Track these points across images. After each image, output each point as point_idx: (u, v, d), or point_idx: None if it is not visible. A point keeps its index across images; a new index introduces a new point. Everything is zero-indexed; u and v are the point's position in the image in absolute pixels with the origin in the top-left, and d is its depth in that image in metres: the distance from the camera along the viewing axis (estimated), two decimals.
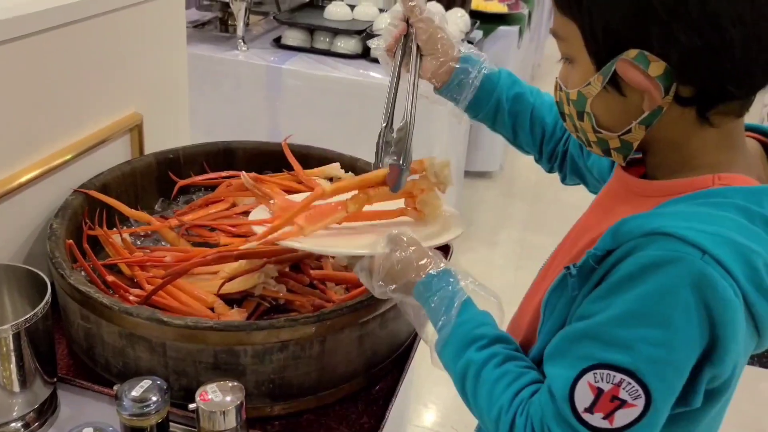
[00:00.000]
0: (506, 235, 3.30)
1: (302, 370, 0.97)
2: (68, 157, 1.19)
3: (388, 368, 1.09)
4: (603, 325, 0.66)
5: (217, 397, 0.84)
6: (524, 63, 3.64)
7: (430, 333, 0.82)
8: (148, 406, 0.84)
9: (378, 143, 0.98)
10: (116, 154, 1.33)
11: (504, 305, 0.83)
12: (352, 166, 1.37)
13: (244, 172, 1.18)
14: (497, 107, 1.03)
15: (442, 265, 0.83)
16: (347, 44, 2.47)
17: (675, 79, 0.66)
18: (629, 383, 0.64)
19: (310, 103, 2.41)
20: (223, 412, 0.83)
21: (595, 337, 0.66)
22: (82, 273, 1.06)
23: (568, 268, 0.71)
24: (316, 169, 1.35)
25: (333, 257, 1.17)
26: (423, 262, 0.83)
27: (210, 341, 0.92)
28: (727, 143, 0.70)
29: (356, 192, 1.01)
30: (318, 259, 1.17)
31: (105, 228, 1.15)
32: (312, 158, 1.38)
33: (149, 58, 1.39)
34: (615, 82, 0.69)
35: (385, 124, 0.99)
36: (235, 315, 1.02)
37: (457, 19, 2.62)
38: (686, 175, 0.70)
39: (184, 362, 0.94)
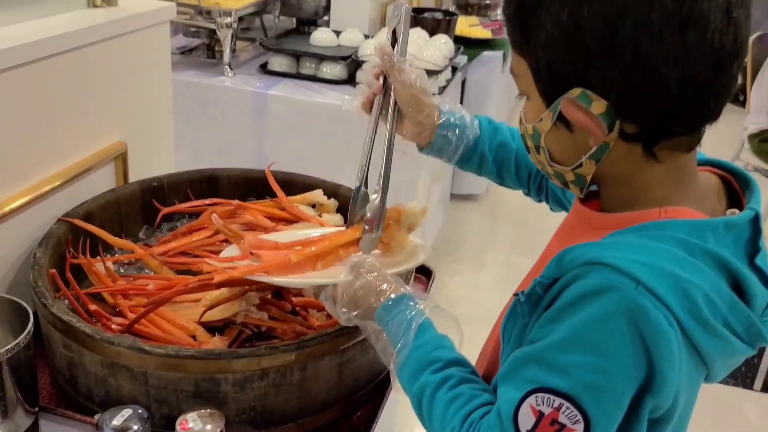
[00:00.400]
0: (492, 258, 3.32)
1: (283, 398, 0.98)
2: (52, 186, 1.20)
3: (370, 394, 1.10)
4: (545, 349, 0.68)
5: (198, 425, 0.85)
6: (508, 88, 3.68)
7: (391, 357, 0.84)
8: None
9: (352, 203, 1.02)
10: (101, 182, 1.34)
11: (485, 327, 0.84)
12: (334, 192, 1.39)
13: (215, 214, 1.19)
14: (482, 159, 1.06)
15: (402, 290, 0.85)
16: (333, 70, 2.50)
17: (617, 117, 0.68)
18: (568, 408, 0.65)
19: (296, 128, 2.43)
20: None
21: (539, 361, 0.68)
22: (65, 302, 1.07)
23: (517, 295, 0.73)
24: (298, 196, 1.37)
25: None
26: (383, 287, 0.85)
27: (191, 369, 0.93)
28: (676, 178, 0.72)
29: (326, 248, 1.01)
30: None
31: (88, 256, 1.16)
32: (295, 185, 1.40)
33: (134, 88, 1.41)
34: (563, 119, 0.71)
35: (359, 184, 1.01)
36: (217, 343, 1.03)
37: (441, 45, 2.65)
38: (636, 208, 0.72)
39: (165, 390, 0.95)
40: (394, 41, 1.00)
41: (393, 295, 0.83)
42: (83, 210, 1.24)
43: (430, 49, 2.57)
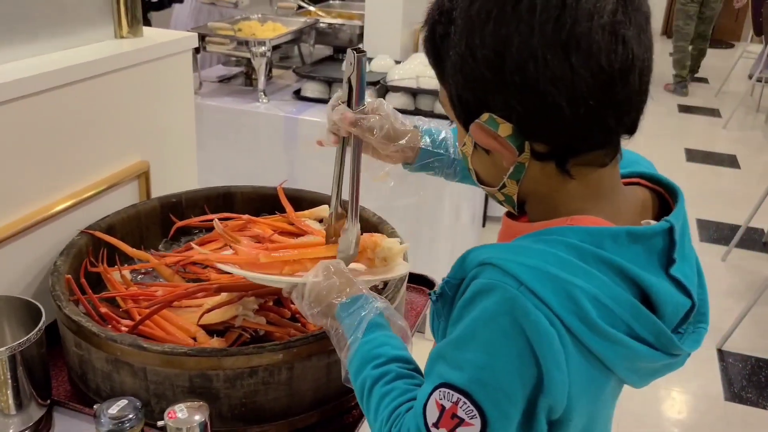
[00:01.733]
0: None
1: (272, 396, 1.04)
2: (78, 199, 1.31)
3: None
4: (447, 346, 0.71)
5: (184, 415, 0.92)
6: None
7: (343, 351, 0.89)
8: (123, 423, 0.92)
9: (326, 231, 1.09)
10: (125, 198, 1.45)
11: None
12: None
13: (216, 219, 1.27)
14: (461, 171, 1.10)
15: (362, 291, 0.91)
16: None
17: (525, 138, 0.70)
18: (465, 402, 0.68)
19: (324, 150, 2.52)
20: (189, 428, 0.91)
21: (443, 357, 0.72)
22: (80, 306, 1.16)
23: (430, 295, 0.77)
24: (306, 212, 1.44)
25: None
26: (345, 287, 0.91)
27: (185, 366, 1.00)
28: (592, 192, 0.74)
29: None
30: None
31: (105, 265, 1.26)
32: (304, 201, 1.48)
33: (158, 111, 1.52)
34: None
35: (331, 212, 1.08)
36: (215, 344, 1.11)
37: None
38: (550, 219, 0.75)
39: (163, 386, 1.02)
40: (350, 90, 1.03)
41: (352, 295, 0.90)
42: (105, 223, 1.34)
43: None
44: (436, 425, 0.70)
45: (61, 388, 1.15)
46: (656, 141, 5.19)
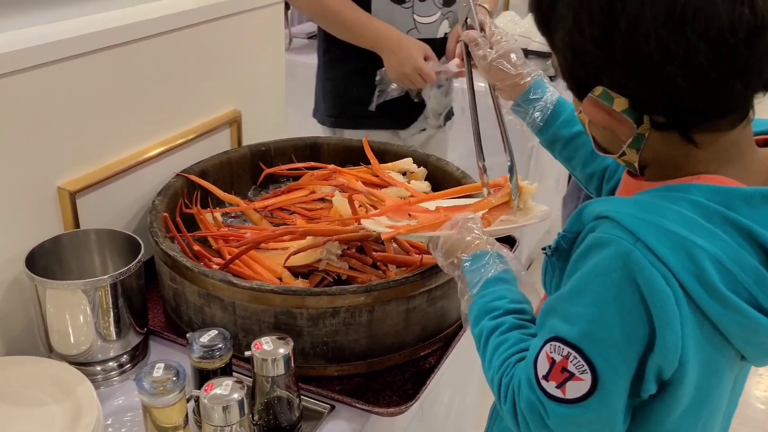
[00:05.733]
0: None
1: (353, 337, 1.08)
2: (174, 144, 1.37)
3: (438, 344, 1.18)
4: (559, 300, 0.71)
5: (269, 347, 0.97)
6: None
7: (465, 302, 0.91)
8: (213, 351, 0.98)
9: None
10: (218, 145, 1.51)
11: None
12: (424, 161, 1.47)
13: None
14: (553, 141, 1.09)
15: (489, 247, 0.92)
16: None
17: (641, 111, 0.69)
18: (575, 357, 0.68)
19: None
20: (274, 359, 0.95)
21: (555, 311, 0.72)
22: (176, 244, 1.23)
23: (544, 249, 0.77)
24: (390, 164, 1.46)
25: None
26: (475, 242, 0.93)
27: (271, 303, 1.05)
28: (721, 156, 0.71)
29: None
30: (380, 242, 1.28)
31: (199, 207, 1.32)
32: (389, 153, 1.50)
33: (250, 62, 1.56)
34: None
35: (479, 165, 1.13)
36: (299, 284, 1.15)
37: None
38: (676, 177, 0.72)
39: (250, 321, 1.08)
40: (469, 28, 1.12)
41: (478, 251, 0.92)
42: (199, 168, 1.40)
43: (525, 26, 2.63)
44: (546, 378, 0.70)
45: (156, 320, 1.23)
46: None
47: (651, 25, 0.63)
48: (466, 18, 1.13)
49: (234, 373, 1.03)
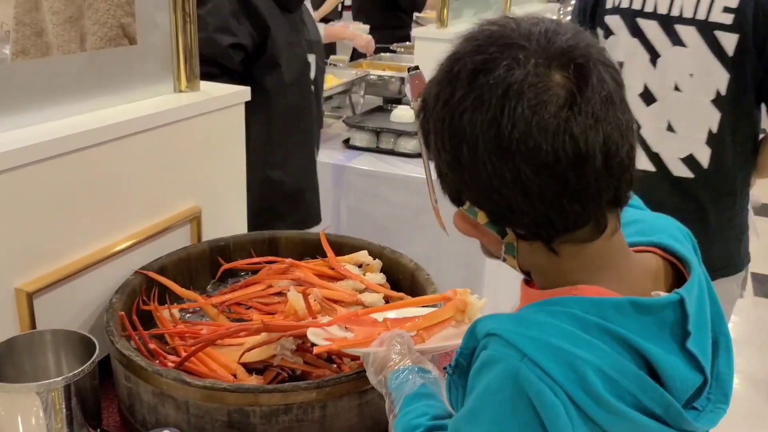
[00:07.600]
0: None
1: None
2: (135, 241, 1.40)
3: None
4: (460, 420, 0.73)
5: None
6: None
7: (390, 417, 0.94)
8: None
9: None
10: (178, 241, 1.54)
11: None
12: (379, 254, 1.51)
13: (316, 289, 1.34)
14: None
15: (410, 363, 0.96)
16: (407, 144, 2.68)
17: (500, 224, 0.74)
18: None
19: (373, 197, 2.61)
20: None
21: (457, 431, 0.74)
22: (132, 342, 1.24)
23: (446, 368, 0.79)
24: (346, 257, 1.50)
25: None
26: (396, 359, 0.97)
27: (225, 401, 1.06)
28: (588, 265, 0.74)
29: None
30: None
31: (156, 304, 1.34)
32: (345, 246, 1.54)
33: (211, 160, 1.61)
34: None
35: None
36: (254, 381, 1.17)
37: None
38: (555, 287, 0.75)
39: (203, 419, 1.08)
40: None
41: (400, 367, 0.95)
42: (158, 264, 1.43)
43: None
44: None
45: (110, 419, 1.23)
46: None
47: (485, 153, 0.68)
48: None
49: None
